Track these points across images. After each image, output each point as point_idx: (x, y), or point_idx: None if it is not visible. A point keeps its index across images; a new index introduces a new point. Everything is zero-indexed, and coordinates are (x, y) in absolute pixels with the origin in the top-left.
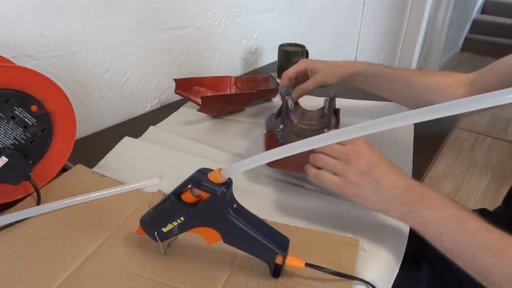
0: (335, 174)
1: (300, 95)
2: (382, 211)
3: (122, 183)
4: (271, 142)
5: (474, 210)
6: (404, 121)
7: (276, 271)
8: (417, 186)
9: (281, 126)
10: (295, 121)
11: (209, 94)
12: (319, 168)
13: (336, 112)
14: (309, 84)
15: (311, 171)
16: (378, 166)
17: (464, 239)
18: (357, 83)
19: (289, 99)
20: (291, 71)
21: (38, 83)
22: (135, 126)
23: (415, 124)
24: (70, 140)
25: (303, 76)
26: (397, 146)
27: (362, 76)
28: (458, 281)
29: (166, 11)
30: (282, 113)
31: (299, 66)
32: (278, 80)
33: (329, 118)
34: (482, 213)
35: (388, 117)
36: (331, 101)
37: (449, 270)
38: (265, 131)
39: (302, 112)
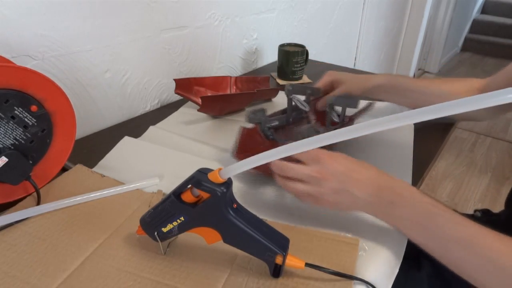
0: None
1: (324, 105)
2: (360, 211)
3: (122, 183)
4: (251, 137)
5: (477, 210)
6: (404, 121)
7: (276, 271)
8: (388, 186)
9: (276, 123)
10: (313, 122)
11: (209, 94)
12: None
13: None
14: (333, 94)
15: (289, 188)
16: (348, 178)
17: (435, 234)
18: (380, 94)
19: (294, 97)
20: (318, 86)
21: (38, 83)
22: (135, 126)
23: (415, 124)
24: (70, 140)
25: (330, 88)
26: (397, 146)
27: (384, 87)
28: (458, 279)
29: (166, 11)
30: (287, 112)
31: (325, 79)
32: (278, 80)
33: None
34: (485, 214)
35: (388, 117)
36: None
37: (449, 269)
38: (246, 126)
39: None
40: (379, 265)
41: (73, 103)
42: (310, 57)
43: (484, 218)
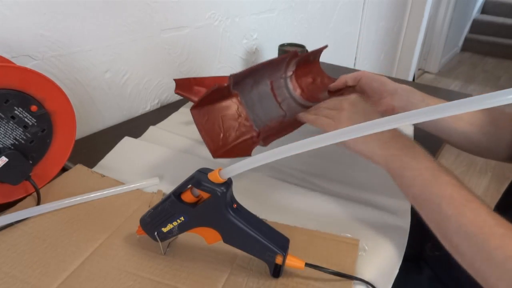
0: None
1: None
2: (368, 153)
3: (122, 183)
4: (219, 92)
5: (458, 178)
6: (404, 121)
7: (276, 271)
8: (404, 137)
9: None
10: (288, 73)
11: None
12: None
13: None
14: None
15: (309, 117)
16: (371, 113)
17: (433, 188)
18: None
19: None
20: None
21: (38, 83)
22: (135, 126)
23: (415, 124)
24: (70, 140)
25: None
26: None
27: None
28: (459, 284)
29: (166, 11)
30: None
31: (353, 75)
32: None
33: None
34: None
35: (388, 117)
36: None
37: (449, 273)
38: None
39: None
40: (379, 265)
41: (73, 103)
42: None
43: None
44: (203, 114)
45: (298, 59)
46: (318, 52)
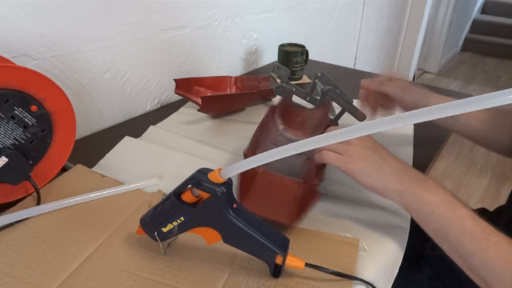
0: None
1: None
2: (380, 187)
3: (122, 183)
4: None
5: (473, 210)
6: (404, 121)
7: (276, 271)
8: (415, 170)
9: (293, 89)
10: (280, 128)
11: (209, 94)
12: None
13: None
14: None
15: (317, 155)
16: (380, 148)
17: (453, 222)
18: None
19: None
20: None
21: (38, 83)
22: (135, 126)
23: (415, 124)
24: (70, 140)
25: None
26: (397, 146)
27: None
28: (459, 283)
29: (166, 11)
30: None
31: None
32: (278, 80)
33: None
34: (482, 213)
35: (388, 117)
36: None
37: (449, 272)
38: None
39: (300, 120)
40: (379, 265)
41: (73, 103)
42: (310, 57)
43: (482, 217)
44: (253, 203)
45: (278, 111)
46: (285, 98)
